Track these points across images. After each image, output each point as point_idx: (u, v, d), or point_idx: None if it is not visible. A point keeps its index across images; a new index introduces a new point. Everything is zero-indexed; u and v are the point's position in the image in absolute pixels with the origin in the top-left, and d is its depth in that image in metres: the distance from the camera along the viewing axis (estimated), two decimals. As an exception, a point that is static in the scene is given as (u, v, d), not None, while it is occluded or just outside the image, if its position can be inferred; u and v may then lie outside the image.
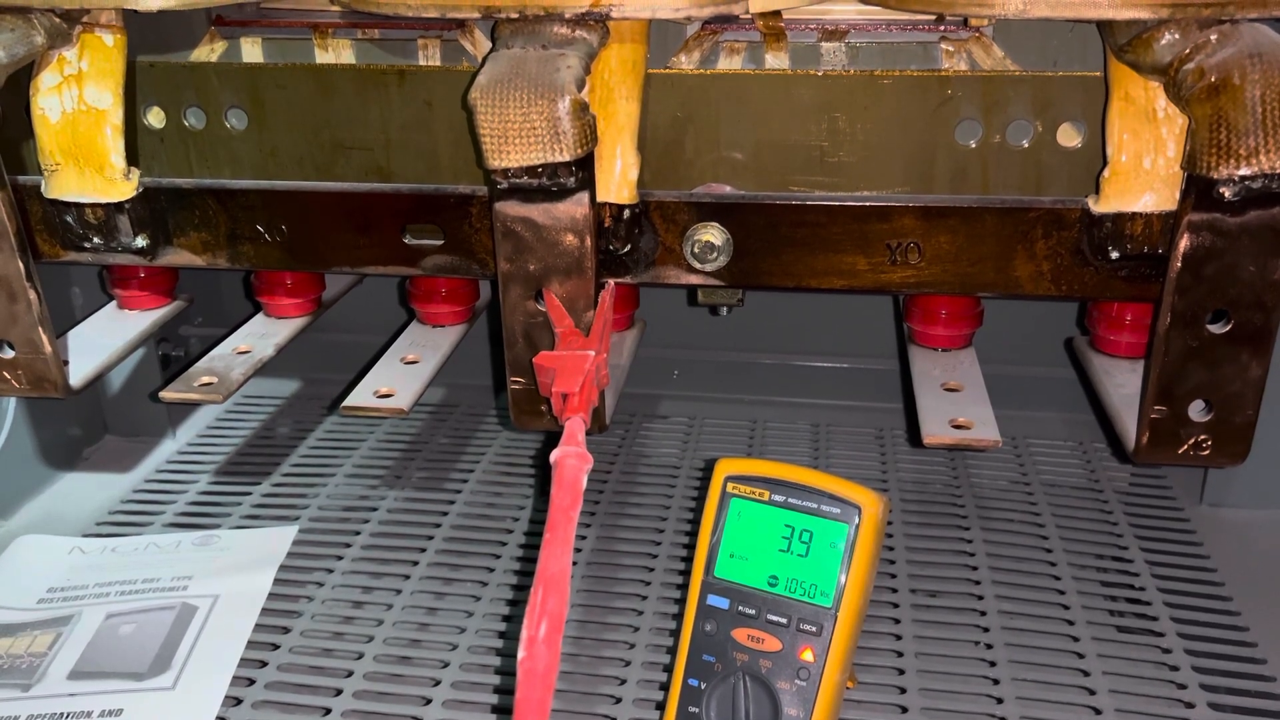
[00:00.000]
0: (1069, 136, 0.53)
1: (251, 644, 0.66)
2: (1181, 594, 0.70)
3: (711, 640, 0.52)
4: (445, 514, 0.81)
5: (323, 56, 0.66)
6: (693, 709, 0.52)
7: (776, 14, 0.59)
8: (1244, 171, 0.45)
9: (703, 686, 0.52)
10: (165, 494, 0.85)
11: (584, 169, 0.50)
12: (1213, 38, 0.47)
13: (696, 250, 0.55)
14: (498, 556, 0.75)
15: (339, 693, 0.62)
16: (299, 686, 0.63)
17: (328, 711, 0.61)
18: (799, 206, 0.53)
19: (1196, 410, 0.52)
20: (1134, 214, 0.51)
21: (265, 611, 0.69)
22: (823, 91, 0.54)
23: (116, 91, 0.56)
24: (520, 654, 0.41)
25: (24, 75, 0.55)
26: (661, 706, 0.59)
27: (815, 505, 0.51)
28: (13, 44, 0.52)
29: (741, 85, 0.54)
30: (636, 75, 0.53)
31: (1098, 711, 0.60)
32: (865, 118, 0.54)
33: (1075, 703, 0.61)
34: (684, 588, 0.69)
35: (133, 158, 0.58)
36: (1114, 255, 0.52)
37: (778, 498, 0.52)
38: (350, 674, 0.64)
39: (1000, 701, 0.61)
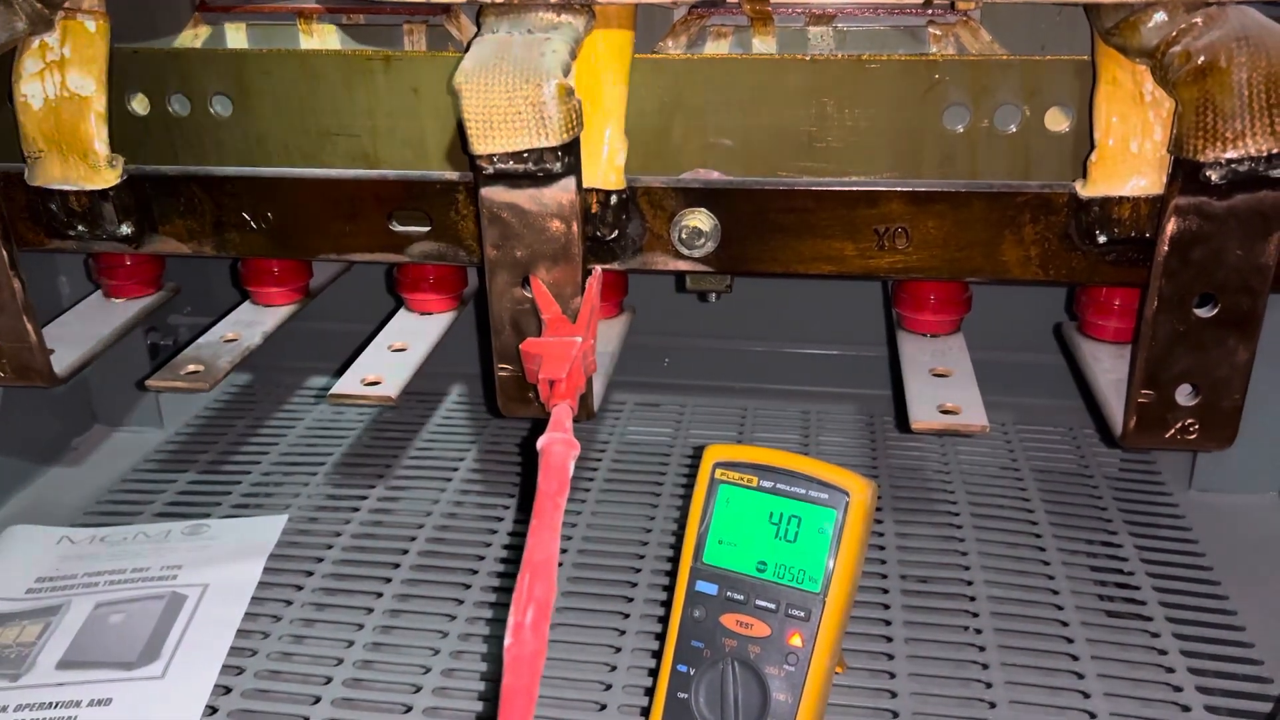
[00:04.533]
0: (1057, 121, 0.53)
1: (241, 633, 0.66)
2: (1170, 578, 0.70)
3: (700, 626, 0.52)
4: (435, 502, 0.80)
5: (307, 42, 0.66)
6: (681, 695, 0.52)
7: (764, -2, 0.59)
8: (1230, 155, 0.45)
9: (691, 672, 0.52)
10: (154, 483, 0.85)
11: (570, 154, 0.50)
12: (1199, 21, 0.47)
13: (684, 236, 0.54)
14: (487, 544, 0.75)
15: (329, 681, 0.62)
16: (289, 675, 0.63)
17: (318, 700, 0.61)
18: (787, 192, 0.53)
19: (1184, 394, 0.52)
20: (1121, 198, 0.51)
21: (255, 600, 0.69)
22: (810, 76, 0.53)
23: (99, 78, 0.55)
24: (507, 640, 0.41)
25: (6, 61, 0.55)
26: (650, 693, 0.59)
27: (803, 491, 0.51)
28: (-7, 30, 0.51)
29: (729, 70, 0.54)
30: (623, 60, 0.53)
31: (1086, 695, 0.60)
32: (853, 102, 0.54)
33: (1064, 687, 0.61)
34: (673, 574, 0.69)
35: (116, 145, 0.57)
36: (1101, 239, 0.52)
37: (766, 484, 0.52)
38: (340, 662, 0.64)
39: (989, 686, 0.61)
